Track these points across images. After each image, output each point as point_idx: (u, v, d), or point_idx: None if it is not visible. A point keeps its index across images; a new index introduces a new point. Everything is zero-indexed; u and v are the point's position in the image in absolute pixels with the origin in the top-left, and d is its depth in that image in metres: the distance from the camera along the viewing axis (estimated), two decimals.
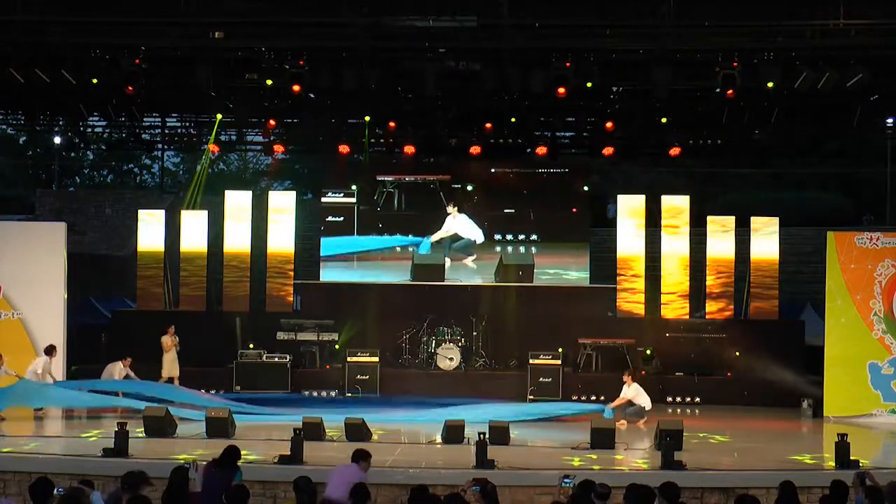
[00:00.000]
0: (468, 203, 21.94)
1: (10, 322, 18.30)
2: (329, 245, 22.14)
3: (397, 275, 21.78)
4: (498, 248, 22.07)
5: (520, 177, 22.53)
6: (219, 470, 10.03)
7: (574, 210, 22.27)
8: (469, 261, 21.98)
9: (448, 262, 21.57)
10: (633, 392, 16.81)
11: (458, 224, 21.79)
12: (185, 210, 22.25)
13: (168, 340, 19.19)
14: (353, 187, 22.15)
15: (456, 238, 21.86)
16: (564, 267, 22.16)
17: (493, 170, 22.37)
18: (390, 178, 22.20)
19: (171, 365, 19.12)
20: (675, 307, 21.13)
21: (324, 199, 22.47)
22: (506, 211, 22.21)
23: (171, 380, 18.99)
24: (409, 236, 21.87)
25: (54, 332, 18.24)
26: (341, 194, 22.20)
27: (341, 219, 22.17)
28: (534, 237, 22.18)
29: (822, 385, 18.17)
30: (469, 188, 22.21)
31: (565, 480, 9.48)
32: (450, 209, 21.66)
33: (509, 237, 22.19)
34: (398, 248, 21.88)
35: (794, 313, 22.63)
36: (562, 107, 21.33)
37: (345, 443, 14.19)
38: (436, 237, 21.82)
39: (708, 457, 13.39)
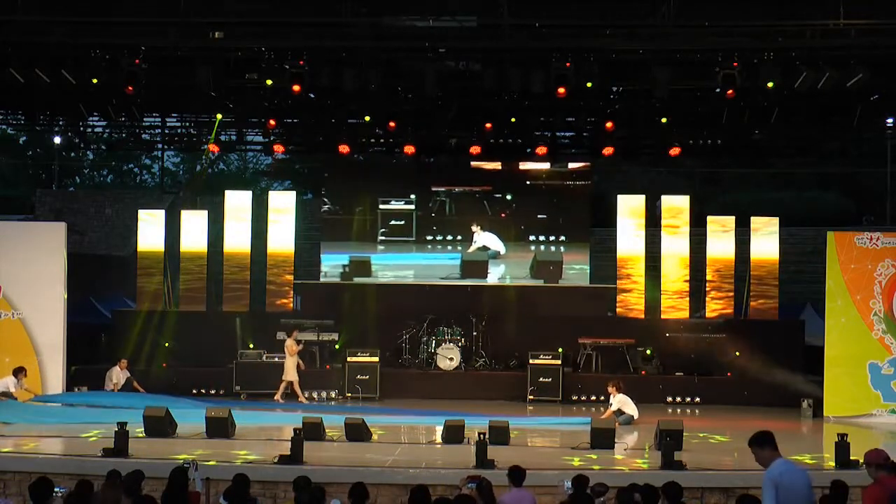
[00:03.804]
0: (487, 221, 22.62)
1: (10, 322, 18.31)
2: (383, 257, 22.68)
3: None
4: (532, 248, 22.44)
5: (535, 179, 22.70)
6: None
7: (574, 210, 22.26)
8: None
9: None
10: (620, 402, 16.79)
11: (484, 239, 22.63)
12: (184, 209, 22.27)
13: (292, 345, 18.86)
14: (412, 196, 22.86)
15: (484, 250, 22.66)
16: (565, 266, 22.16)
17: (527, 182, 22.57)
18: (442, 189, 23.01)
19: (292, 370, 18.77)
20: (675, 307, 21.13)
21: (383, 207, 22.90)
22: (538, 217, 22.53)
23: (289, 384, 18.85)
24: (449, 251, 22.65)
25: (54, 332, 18.26)
26: (402, 202, 22.95)
27: (402, 222, 22.87)
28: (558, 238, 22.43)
29: (822, 385, 18.18)
30: (508, 197, 22.70)
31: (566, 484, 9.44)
32: (474, 228, 22.61)
33: (541, 238, 22.54)
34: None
35: (794, 313, 22.63)
36: (562, 107, 21.30)
37: (345, 443, 14.21)
38: (469, 251, 22.55)
39: (708, 457, 13.40)
